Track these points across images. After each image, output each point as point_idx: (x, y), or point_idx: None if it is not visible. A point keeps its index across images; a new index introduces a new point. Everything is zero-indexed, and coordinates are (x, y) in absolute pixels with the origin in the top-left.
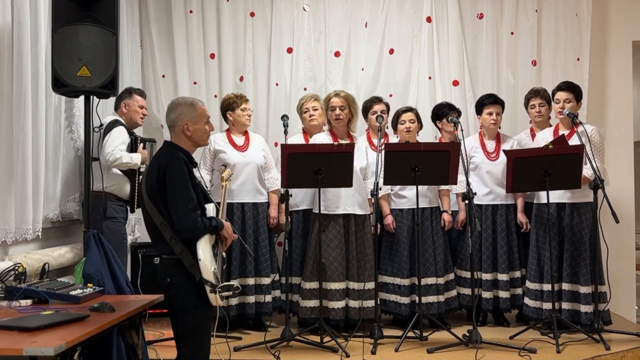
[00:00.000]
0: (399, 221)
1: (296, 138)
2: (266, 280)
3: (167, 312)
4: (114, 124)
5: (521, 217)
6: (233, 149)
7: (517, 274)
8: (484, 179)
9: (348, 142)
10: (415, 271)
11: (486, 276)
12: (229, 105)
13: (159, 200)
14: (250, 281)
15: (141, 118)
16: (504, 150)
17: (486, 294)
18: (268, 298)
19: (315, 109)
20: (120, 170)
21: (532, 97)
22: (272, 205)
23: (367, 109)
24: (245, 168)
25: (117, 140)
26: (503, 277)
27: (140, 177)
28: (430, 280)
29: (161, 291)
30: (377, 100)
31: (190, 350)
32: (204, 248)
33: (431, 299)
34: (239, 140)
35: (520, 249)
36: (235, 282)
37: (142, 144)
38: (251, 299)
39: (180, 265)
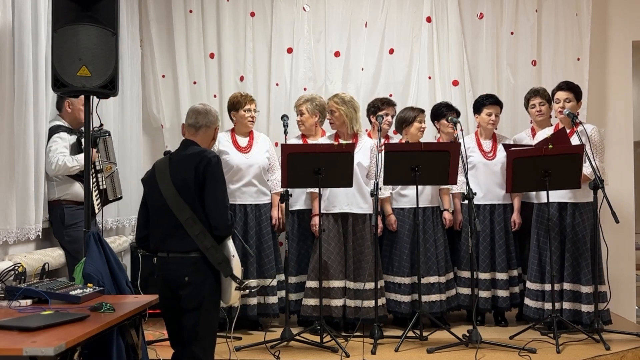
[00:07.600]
0: (401, 220)
1: (294, 141)
2: (270, 282)
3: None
4: (53, 131)
5: (516, 218)
6: (236, 150)
7: (515, 272)
8: (481, 179)
9: (348, 142)
10: (416, 270)
11: (484, 276)
12: (232, 105)
13: (193, 195)
14: (253, 283)
15: None
16: (504, 145)
17: (485, 294)
18: (274, 299)
19: (302, 113)
20: (69, 175)
21: (531, 96)
22: (274, 207)
23: (375, 110)
24: (248, 170)
25: (59, 147)
26: (502, 276)
27: (98, 176)
28: (433, 279)
29: (168, 290)
30: (386, 103)
31: (203, 349)
32: (233, 246)
33: (434, 297)
34: (243, 141)
35: (516, 248)
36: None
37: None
38: (253, 300)
39: (198, 263)
